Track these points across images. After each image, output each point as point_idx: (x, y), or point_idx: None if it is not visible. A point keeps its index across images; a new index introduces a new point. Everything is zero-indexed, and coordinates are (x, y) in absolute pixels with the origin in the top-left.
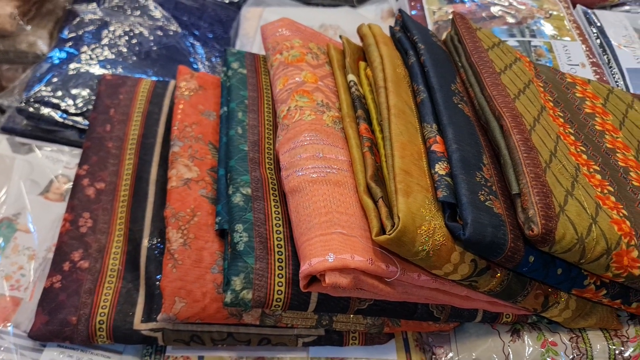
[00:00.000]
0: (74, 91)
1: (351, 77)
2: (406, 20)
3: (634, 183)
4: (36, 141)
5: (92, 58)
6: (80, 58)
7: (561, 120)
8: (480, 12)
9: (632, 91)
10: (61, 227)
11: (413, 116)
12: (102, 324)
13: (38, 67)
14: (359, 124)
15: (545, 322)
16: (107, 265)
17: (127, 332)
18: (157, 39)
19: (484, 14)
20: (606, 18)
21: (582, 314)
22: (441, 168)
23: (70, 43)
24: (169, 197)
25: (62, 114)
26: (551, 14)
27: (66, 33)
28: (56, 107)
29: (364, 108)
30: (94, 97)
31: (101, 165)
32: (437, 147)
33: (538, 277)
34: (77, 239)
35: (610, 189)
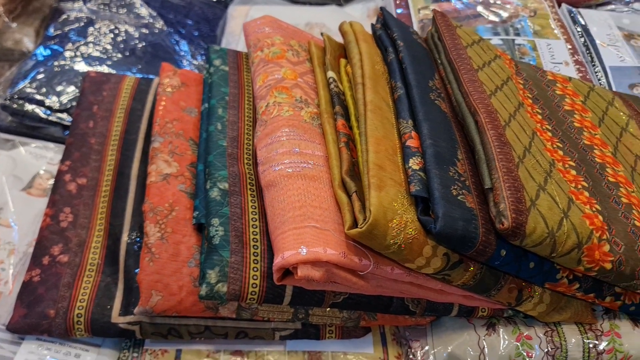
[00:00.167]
0: (59, 88)
1: (331, 74)
2: (387, 17)
3: (610, 179)
4: (21, 137)
5: (77, 55)
6: (65, 55)
7: (539, 117)
8: (465, 11)
9: (615, 89)
10: (42, 222)
11: (390, 112)
12: (80, 317)
13: (23, 64)
14: (337, 120)
15: (521, 316)
16: (87, 259)
17: (105, 325)
18: (143, 37)
19: (469, 12)
20: (591, 17)
21: (557, 308)
22: (415, 163)
23: (55, 40)
24: (148, 192)
25: (47, 111)
26: (536, 13)
27: (52, 30)
28: (40, 104)
29: (343, 104)
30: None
31: (83, 161)
32: (412, 143)
33: (511, 271)
34: (58, 234)
35: (584, 184)
